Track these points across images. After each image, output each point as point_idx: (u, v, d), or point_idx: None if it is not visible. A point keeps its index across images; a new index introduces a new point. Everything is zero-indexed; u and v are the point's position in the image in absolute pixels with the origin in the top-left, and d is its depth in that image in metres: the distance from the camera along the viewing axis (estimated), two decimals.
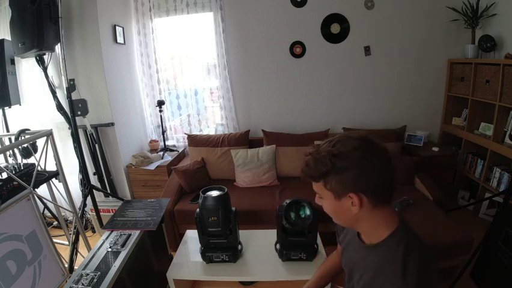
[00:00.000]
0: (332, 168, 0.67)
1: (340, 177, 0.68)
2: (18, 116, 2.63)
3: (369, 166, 0.66)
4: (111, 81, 2.66)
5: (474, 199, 2.79)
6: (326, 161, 0.68)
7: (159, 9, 3.01)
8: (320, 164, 0.69)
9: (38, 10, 2.02)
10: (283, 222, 1.61)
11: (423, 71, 3.01)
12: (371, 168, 0.67)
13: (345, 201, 0.70)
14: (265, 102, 3.21)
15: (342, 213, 0.73)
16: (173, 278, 1.67)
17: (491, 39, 2.50)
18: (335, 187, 0.70)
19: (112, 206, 2.71)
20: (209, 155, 2.83)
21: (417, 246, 0.69)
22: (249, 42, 3.04)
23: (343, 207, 0.71)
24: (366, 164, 0.66)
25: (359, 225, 0.76)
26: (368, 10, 2.87)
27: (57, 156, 1.94)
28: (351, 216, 0.72)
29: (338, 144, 0.69)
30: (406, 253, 0.66)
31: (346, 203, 0.70)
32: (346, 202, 0.70)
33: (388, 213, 0.73)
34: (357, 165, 0.66)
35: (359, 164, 0.66)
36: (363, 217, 0.72)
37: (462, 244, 1.83)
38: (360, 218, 0.72)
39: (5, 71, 2.27)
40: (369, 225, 0.74)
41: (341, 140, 0.69)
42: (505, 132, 2.40)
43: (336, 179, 0.68)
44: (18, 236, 1.57)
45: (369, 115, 3.14)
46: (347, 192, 0.68)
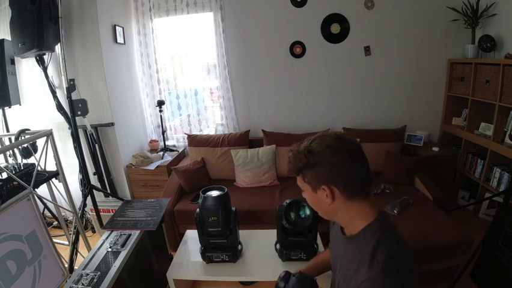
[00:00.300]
0: (307, 163, 0.76)
1: (314, 171, 0.76)
2: (18, 116, 2.63)
3: (339, 161, 0.74)
4: (111, 81, 2.66)
5: (474, 199, 2.79)
6: (302, 156, 0.77)
7: (159, 9, 3.01)
8: (298, 160, 0.78)
9: (38, 10, 2.02)
10: (283, 222, 1.61)
11: (423, 71, 3.01)
12: (341, 163, 0.74)
13: (321, 194, 0.77)
14: (265, 102, 3.21)
15: (319, 205, 0.81)
16: (173, 278, 1.67)
17: (491, 39, 2.50)
18: (310, 180, 0.78)
19: (112, 206, 2.71)
20: (209, 155, 2.83)
21: (390, 241, 0.73)
22: (249, 42, 3.04)
23: (320, 199, 0.79)
24: (337, 160, 0.74)
25: (337, 217, 0.83)
26: (368, 10, 2.88)
27: (57, 156, 1.94)
28: (327, 207, 0.79)
29: (314, 141, 0.77)
30: (376, 245, 0.71)
31: (321, 195, 0.77)
32: (321, 194, 0.77)
33: (365, 206, 0.79)
34: (328, 160, 0.74)
35: (330, 159, 0.74)
36: (339, 209, 0.79)
37: (462, 244, 1.83)
38: (337, 210, 0.79)
39: (5, 71, 2.27)
40: (346, 217, 0.80)
41: (317, 138, 0.78)
42: (505, 132, 2.40)
43: (311, 172, 0.77)
44: (18, 236, 1.56)
45: (369, 115, 3.14)
46: (320, 185, 0.76)
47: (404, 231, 1.97)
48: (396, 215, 2.08)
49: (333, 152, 0.74)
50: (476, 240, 1.84)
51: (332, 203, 0.77)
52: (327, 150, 0.74)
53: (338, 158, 0.74)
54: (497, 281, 1.79)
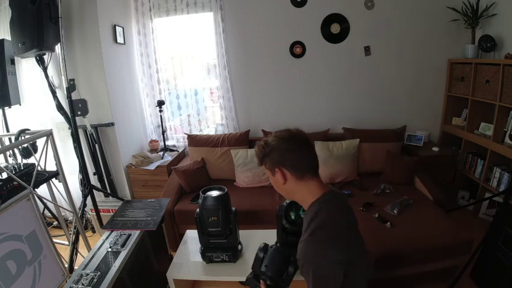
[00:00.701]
0: (264, 153, 0.95)
1: (269, 158, 0.95)
2: (18, 116, 2.63)
3: (287, 147, 0.92)
4: (111, 81, 2.66)
5: (474, 199, 2.79)
6: (261, 148, 0.97)
7: (159, 9, 3.01)
8: (259, 151, 0.98)
9: (38, 10, 2.02)
10: (283, 222, 1.61)
11: (423, 71, 3.01)
12: (288, 149, 0.92)
13: (277, 176, 0.94)
14: (265, 102, 3.21)
15: (278, 185, 0.98)
16: (173, 278, 1.66)
17: (491, 39, 2.50)
18: (269, 166, 0.96)
19: (112, 206, 2.71)
20: (209, 155, 2.83)
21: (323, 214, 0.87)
22: (249, 42, 3.04)
23: (277, 181, 0.96)
24: (285, 146, 0.93)
25: (294, 196, 0.99)
26: (368, 10, 2.88)
27: (57, 156, 1.94)
28: (283, 187, 0.96)
29: (270, 136, 0.97)
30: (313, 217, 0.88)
31: (278, 177, 0.94)
32: (277, 176, 0.94)
33: (313, 186, 0.93)
34: (278, 147, 0.93)
35: (280, 146, 0.93)
36: (292, 189, 0.95)
37: (462, 244, 1.83)
38: (291, 189, 0.96)
39: (5, 71, 2.27)
40: (300, 196, 0.96)
41: (274, 133, 0.98)
42: (505, 132, 2.40)
43: (268, 159, 0.96)
44: (18, 236, 1.56)
45: (369, 115, 3.14)
46: (274, 168, 0.94)
47: (404, 231, 1.99)
48: (396, 215, 2.08)
49: (282, 141, 0.93)
50: (476, 240, 1.84)
51: (285, 183, 0.94)
52: (277, 140, 0.94)
53: (286, 145, 0.92)
54: (497, 281, 1.79)
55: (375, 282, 1.82)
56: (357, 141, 2.71)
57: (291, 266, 1.08)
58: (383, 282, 1.86)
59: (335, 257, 0.79)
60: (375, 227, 1.97)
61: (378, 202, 2.25)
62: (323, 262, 0.80)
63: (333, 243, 0.82)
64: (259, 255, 1.19)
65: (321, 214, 0.87)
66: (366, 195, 2.41)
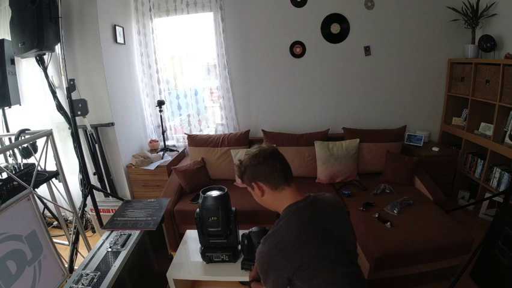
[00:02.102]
0: (240, 171, 1.06)
1: (245, 175, 1.05)
2: (18, 116, 2.63)
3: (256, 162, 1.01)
4: (111, 81, 2.66)
5: (474, 199, 2.79)
6: (237, 168, 1.07)
7: (159, 9, 3.01)
8: (237, 171, 1.09)
9: (38, 10, 2.02)
10: None
11: (423, 71, 3.01)
12: (258, 164, 1.01)
13: (255, 190, 1.04)
14: (265, 102, 3.21)
15: (258, 199, 1.07)
16: (173, 278, 1.67)
17: (491, 39, 2.50)
18: (246, 182, 1.06)
19: (112, 206, 2.71)
20: (209, 155, 2.83)
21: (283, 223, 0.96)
22: (249, 42, 3.04)
23: (257, 195, 1.05)
24: (255, 162, 1.02)
25: (274, 207, 1.05)
26: (368, 10, 2.88)
27: (57, 156, 1.94)
28: (262, 199, 1.05)
29: (244, 155, 1.06)
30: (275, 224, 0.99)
31: (256, 191, 1.04)
32: (256, 190, 1.04)
33: (287, 195, 1.01)
34: (250, 164, 1.03)
35: (251, 163, 1.02)
36: (271, 200, 1.04)
37: (462, 244, 1.83)
38: (270, 201, 1.04)
39: (5, 71, 2.26)
40: (276, 205, 1.04)
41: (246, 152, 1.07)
42: (505, 132, 2.40)
43: (245, 177, 1.06)
44: (18, 236, 1.56)
45: (369, 115, 3.14)
46: (251, 183, 1.04)
47: (404, 231, 1.99)
48: (396, 215, 2.08)
49: (251, 157, 1.02)
50: (476, 240, 1.84)
51: (263, 195, 1.03)
52: (248, 158, 1.03)
53: (255, 160, 1.01)
54: (497, 281, 1.79)
55: (375, 282, 1.83)
56: (357, 141, 2.71)
57: None
58: (383, 282, 1.86)
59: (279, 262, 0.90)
60: (375, 227, 1.97)
61: (378, 202, 2.25)
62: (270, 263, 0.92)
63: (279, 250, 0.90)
64: (244, 242, 1.53)
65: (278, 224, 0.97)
66: (366, 195, 2.41)
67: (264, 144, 1.07)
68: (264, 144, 1.08)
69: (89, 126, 2.47)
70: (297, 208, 0.98)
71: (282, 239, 0.92)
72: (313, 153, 2.73)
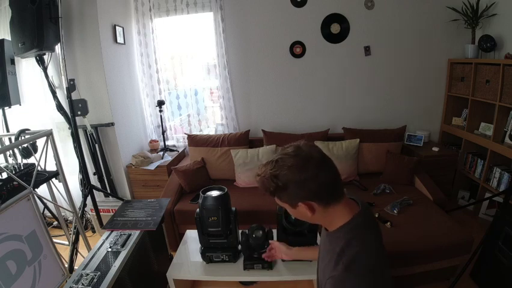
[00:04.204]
0: (275, 187, 0.77)
1: (286, 192, 0.77)
2: (18, 116, 2.63)
3: (305, 177, 0.74)
4: (111, 81, 2.66)
5: (474, 199, 2.79)
6: (269, 182, 0.77)
7: (159, 9, 3.01)
8: (266, 185, 0.78)
9: (38, 10, 2.02)
10: (283, 222, 1.61)
11: (423, 71, 3.01)
12: (307, 179, 0.74)
13: (300, 208, 0.79)
14: (265, 102, 3.21)
15: (303, 217, 0.83)
16: (173, 278, 1.67)
17: (491, 39, 2.50)
18: (286, 200, 0.80)
19: (112, 206, 2.71)
20: (209, 155, 2.83)
21: (358, 243, 0.75)
22: (249, 42, 3.04)
23: (301, 213, 0.80)
24: (303, 177, 0.74)
25: (321, 222, 0.86)
26: (368, 10, 2.88)
27: (57, 156, 1.94)
28: (310, 218, 0.81)
29: (276, 165, 0.77)
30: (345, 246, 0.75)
31: (302, 209, 0.79)
32: (301, 209, 0.78)
33: (341, 209, 0.80)
34: (295, 180, 0.74)
35: (297, 179, 0.74)
36: (320, 217, 0.81)
37: (462, 244, 1.83)
38: (319, 218, 0.82)
39: (5, 71, 2.26)
40: (327, 221, 0.83)
41: (278, 160, 0.77)
42: (505, 132, 2.40)
43: (283, 194, 0.78)
44: (18, 236, 1.56)
45: (369, 115, 3.14)
46: (296, 203, 0.78)
47: (404, 231, 1.99)
48: (396, 215, 2.08)
49: (296, 171, 0.74)
50: (476, 240, 1.84)
51: (313, 214, 0.79)
52: (290, 172, 0.74)
53: (303, 175, 0.74)
54: (497, 281, 1.79)
55: None
56: (357, 141, 2.71)
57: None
58: None
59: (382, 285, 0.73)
60: None
61: (378, 202, 2.25)
62: None
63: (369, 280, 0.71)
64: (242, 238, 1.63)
65: (354, 244, 0.75)
66: (366, 195, 2.41)
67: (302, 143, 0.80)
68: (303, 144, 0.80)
69: (89, 126, 2.47)
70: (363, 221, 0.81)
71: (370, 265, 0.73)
72: None
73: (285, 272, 1.64)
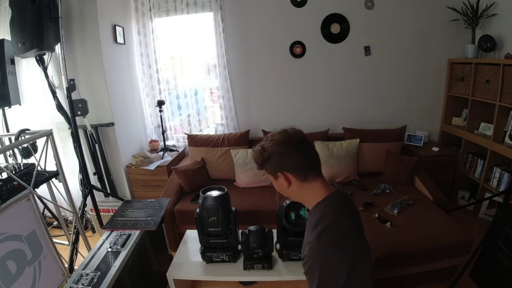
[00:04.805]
0: (261, 158, 0.92)
1: (268, 163, 0.91)
2: (18, 116, 2.63)
3: (284, 151, 0.89)
4: (111, 81, 2.66)
5: (474, 199, 2.79)
6: (258, 154, 0.92)
7: (159, 9, 3.01)
8: (256, 157, 0.94)
9: (38, 10, 2.02)
10: (283, 222, 1.61)
11: (423, 71, 3.01)
12: (287, 152, 0.89)
13: (280, 180, 0.91)
14: (265, 102, 3.21)
15: (282, 189, 0.95)
16: (173, 278, 1.67)
17: (491, 39, 2.50)
18: (270, 171, 0.93)
19: (112, 206, 2.71)
20: (209, 155, 2.83)
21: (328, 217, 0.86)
22: (249, 42, 3.04)
23: (281, 185, 0.93)
24: (283, 150, 0.89)
25: (299, 198, 0.97)
26: (368, 10, 2.88)
27: (57, 156, 1.94)
28: (287, 190, 0.93)
29: (266, 140, 0.93)
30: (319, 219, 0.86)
31: (281, 181, 0.91)
32: (280, 180, 0.91)
33: (317, 187, 0.92)
34: (276, 151, 0.89)
35: (278, 151, 0.89)
36: (297, 191, 0.93)
37: (462, 244, 1.83)
38: (296, 192, 0.94)
39: (5, 71, 2.26)
40: (303, 197, 0.95)
41: (269, 136, 0.93)
42: (505, 132, 2.40)
43: (267, 165, 0.92)
44: (18, 236, 1.56)
45: (369, 115, 3.14)
46: (276, 173, 0.91)
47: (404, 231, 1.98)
48: (396, 215, 2.08)
49: (279, 144, 0.89)
50: (476, 240, 1.84)
51: (289, 186, 0.91)
52: (274, 144, 0.90)
53: (283, 149, 0.89)
54: (497, 281, 1.79)
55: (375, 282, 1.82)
56: (357, 141, 2.71)
57: None
58: (383, 282, 1.86)
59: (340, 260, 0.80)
60: (375, 227, 1.97)
61: (378, 202, 2.25)
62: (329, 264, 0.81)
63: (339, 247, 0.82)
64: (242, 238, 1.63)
65: (326, 217, 0.85)
66: (366, 195, 2.41)
67: (289, 128, 0.94)
68: (290, 128, 0.94)
69: (89, 126, 2.47)
70: (336, 200, 0.90)
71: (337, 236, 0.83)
72: None
73: (285, 272, 1.64)
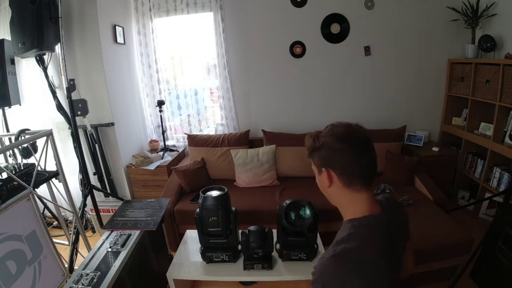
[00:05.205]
0: (312, 146, 0.82)
1: (318, 154, 0.81)
2: (18, 116, 2.63)
3: (339, 147, 0.77)
4: (111, 81, 2.66)
5: (474, 199, 2.79)
6: (311, 140, 0.83)
7: (159, 9, 3.01)
8: (307, 143, 0.85)
9: (38, 10, 2.02)
10: (283, 222, 1.61)
11: (423, 71, 3.01)
12: (340, 149, 0.77)
13: (323, 176, 0.81)
14: (265, 102, 3.21)
15: (322, 186, 0.85)
16: (173, 278, 1.67)
17: (491, 39, 2.50)
18: (316, 162, 0.84)
19: (112, 206, 2.71)
20: (209, 155, 2.83)
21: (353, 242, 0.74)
22: (249, 42, 3.04)
23: (323, 182, 0.83)
24: (337, 145, 0.78)
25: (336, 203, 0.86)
26: (368, 10, 2.88)
27: (57, 156, 1.94)
28: (327, 190, 0.83)
29: (327, 128, 0.83)
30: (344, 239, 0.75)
31: (323, 177, 0.81)
32: (323, 176, 0.81)
33: (359, 200, 0.79)
34: (330, 144, 0.78)
35: (331, 145, 0.78)
36: (337, 194, 0.83)
37: (462, 244, 1.83)
38: (334, 194, 0.83)
39: (5, 71, 2.26)
40: (341, 204, 0.84)
41: (330, 125, 0.83)
42: (505, 132, 2.40)
43: (316, 155, 0.82)
44: (18, 236, 1.56)
45: (369, 115, 3.14)
46: (321, 167, 0.81)
47: None
48: None
49: (336, 138, 0.78)
50: (476, 240, 1.84)
51: (330, 186, 0.81)
52: (331, 136, 0.79)
53: (338, 144, 0.77)
54: (497, 281, 1.79)
55: None
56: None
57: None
58: None
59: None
60: None
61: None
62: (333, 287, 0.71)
63: (350, 275, 0.70)
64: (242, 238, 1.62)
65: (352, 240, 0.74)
66: None
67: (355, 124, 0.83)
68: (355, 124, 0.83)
69: (89, 126, 2.47)
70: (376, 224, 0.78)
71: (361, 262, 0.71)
72: None
73: (285, 272, 1.64)
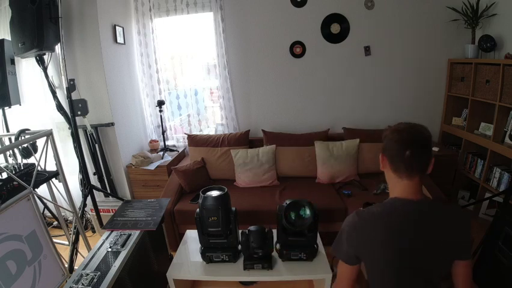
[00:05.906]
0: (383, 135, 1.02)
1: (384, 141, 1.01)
2: (18, 116, 2.63)
3: (392, 137, 0.96)
4: (111, 81, 2.66)
5: (474, 199, 2.79)
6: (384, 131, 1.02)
7: (159, 9, 3.01)
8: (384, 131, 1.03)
9: (38, 10, 2.02)
10: (283, 222, 1.61)
11: (423, 71, 3.01)
12: (392, 140, 0.96)
13: (381, 158, 1.03)
14: (265, 102, 3.21)
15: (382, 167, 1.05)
16: (173, 278, 1.67)
17: (491, 39, 2.50)
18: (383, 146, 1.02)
19: (112, 206, 2.71)
20: (209, 155, 2.83)
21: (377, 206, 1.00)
22: (249, 42, 3.04)
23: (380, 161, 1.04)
24: (390, 136, 0.97)
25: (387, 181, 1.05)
26: (368, 10, 2.88)
27: (57, 156, 1.94)
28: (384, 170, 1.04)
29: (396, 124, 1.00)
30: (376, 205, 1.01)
31: (381, 160, 1.03)
32: (380, 160, 1.03)
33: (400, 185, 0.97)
34: (388, 134, 0.99)
35: (388, 135, 0.98)
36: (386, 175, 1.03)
37: None
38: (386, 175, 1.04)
39: (5, 71, 2.26)
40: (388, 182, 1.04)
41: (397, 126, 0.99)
42: (505, 132, 2.40)
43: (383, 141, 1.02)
44: (18, 236, 1.56)
45: (369, 115, 3.15)
46: (382, 151, 1.02)
47: None
48: None
49: (394, 130, 0.97)
50: (476, 240, 1.84)
51: (382, 168, 1.03)
52: (390, 129, 0.99)
53: (393, 136, 0.96)
54: (497, 281, 1.79)
55: None
56: (357, 141, 2.71)
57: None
58: None
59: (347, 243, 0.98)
60: None
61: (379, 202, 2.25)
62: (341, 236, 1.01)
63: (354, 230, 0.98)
64: (242, 238, 1.64)
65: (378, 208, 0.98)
66: (366, 195, 2.41)
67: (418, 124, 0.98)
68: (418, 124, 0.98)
69: (89, 126, 2.47)
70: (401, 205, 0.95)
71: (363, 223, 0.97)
72: (313, 153, 2.73)
73: (285, 272, 1.64)
